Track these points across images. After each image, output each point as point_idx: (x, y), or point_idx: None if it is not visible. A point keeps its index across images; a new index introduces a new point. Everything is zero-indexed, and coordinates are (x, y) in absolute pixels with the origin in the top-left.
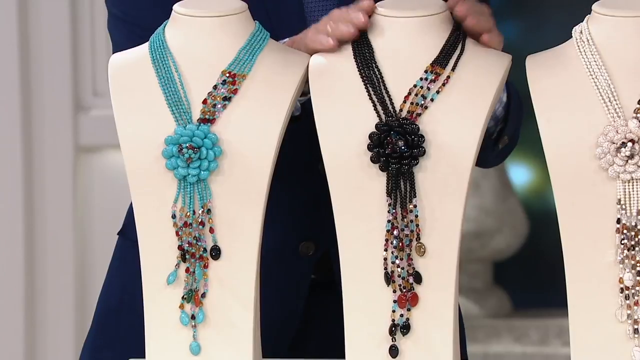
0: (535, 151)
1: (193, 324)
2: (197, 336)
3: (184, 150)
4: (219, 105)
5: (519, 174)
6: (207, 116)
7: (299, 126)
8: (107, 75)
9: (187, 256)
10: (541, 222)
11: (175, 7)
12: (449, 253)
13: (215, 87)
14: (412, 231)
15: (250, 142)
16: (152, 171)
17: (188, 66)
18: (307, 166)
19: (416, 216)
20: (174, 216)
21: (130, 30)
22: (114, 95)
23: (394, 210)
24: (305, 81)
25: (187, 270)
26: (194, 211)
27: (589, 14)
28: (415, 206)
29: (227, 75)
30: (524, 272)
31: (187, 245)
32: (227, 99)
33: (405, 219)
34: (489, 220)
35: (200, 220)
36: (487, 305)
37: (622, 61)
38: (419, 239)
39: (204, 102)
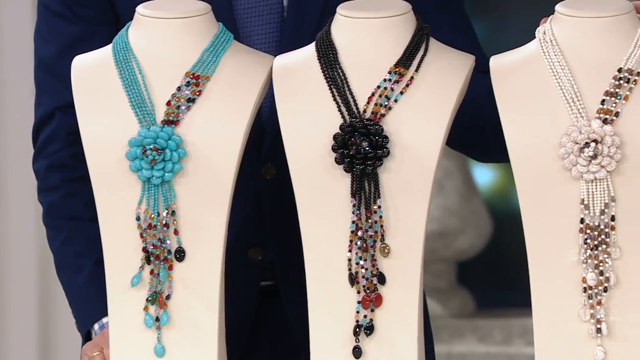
0: None
1: (157, 326)
2: (161, 338)
3: (148, 152)
4: (183, 107)
5: (483, 174)
6: (171, 118)
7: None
8: None
9: (151, 258)
10: (505, 222)
11: (139, 8)
12: (413, 253)
13: (179, 88)
14: (376, 232)
15: (214, 144)
16: (116, 173)
17: (152, 68)
18: (251, 171)
19: (380, 217)
20: (138, 218)
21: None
22: (76, 97)
23: (358, 211)
24: (270, 82)
25: (151, 272)
26: (158, 213)
27: (553, 14)
28: (379, 207)
29: (191, 76)
30: (487, 272)
31: (152, 247)
32: (191, 100)
33: (369, 220)
34: (452, 220)
35: (164, 222)
36: (451, 305)
37: (584, 61)
38: (383, 240)
39: (168, 103)
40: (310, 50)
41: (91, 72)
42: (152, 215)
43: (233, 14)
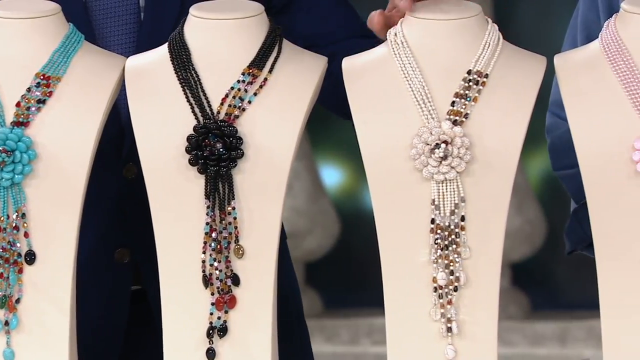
0: (346, 153)
1: (7, 330)
2: (10, 342)
3: None
4: (33, 108)
5: (331, 175)
6: (20, 119)
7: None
8: None
9: (0, 261)
10: (352, 222)
11: None
12: (268, 255)
13: (29, 89)
14: (230, 233)
15: (65, 145)
16: None
17: (1, 69)
18: (113, 171)
19: (235, 218)
20: None
21: None
22: None
23: (212, 213)
24: (122, 83)
25: (0, 275)
26: (8, 215)
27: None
28: (233, 208)
29: (41, 77)
30: (335, 273)
31: (1, 250)
32: (41, 101)
33: (223, 221)
34: (301, 221)
35: (14, 224)
36: None
37: (435, 63)
38: (238, 241)
39: (18, 104)
40: (163, 51)
41: None
42: (2, 218)
43: (88, 16)
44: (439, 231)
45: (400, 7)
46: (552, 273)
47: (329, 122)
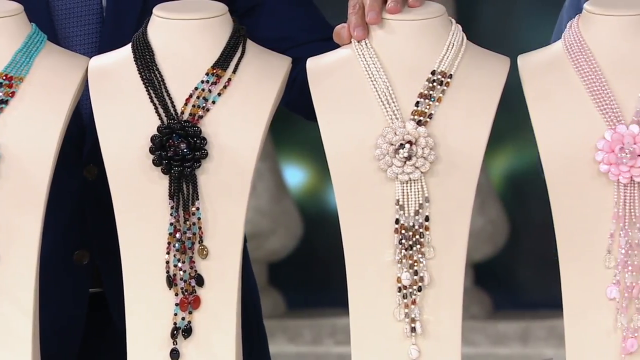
0: (309, 153)
1: None
2: None
3: None
4: None
5: (294, 175)
6: None
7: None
8: None
9: None
10: (315, 223)
11: None
12: (232, 255)
13: None
14: (194, 234)
15: (28, 147)
16: None
17: None
18: (73, 172)
19: (199, 219)
20: None
21: None
22: None
23: (176, 213)
24: (85, 84)
25: None
26: None
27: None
28: (198, 209)
29: (4, 78)
30: (298, 273)
31: None
32: (3, 102)
33: (187, 222)
34: (264, 221)
35: None
36: (262, 306)
37: (399, 64)
38: (202, 242)
39: None
40: (126, 51)
41: None
42: None
43: (51, 16)
44: (403, 231)
45: (369, 22)
46: (514, 273)
47: (292, 122)
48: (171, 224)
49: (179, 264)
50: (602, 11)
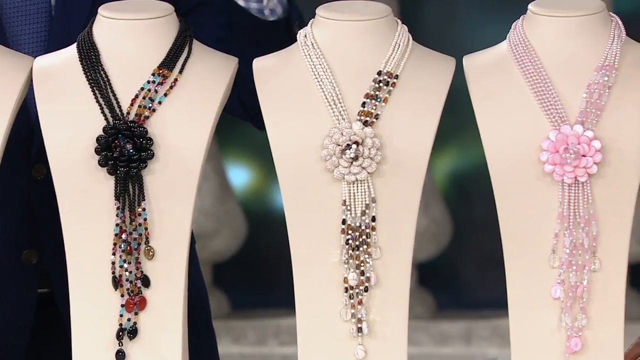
0: (254, 153)
1: None
2: None
3: None
4: None
5: (238, 176)
6: None
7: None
8: None
9: None
10: (260, 223)
11: None
12: (178, 256)
13: None
14: (140, 234)
15: None
16: None
17: None
18: (21, 171)
19: (145, 219)
20: None
21: None
22: None
23: (122, 214)
24: (30, 83)
25: None
26: None
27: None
28: (144, 209)
29: None
30: (242, 274)
31: None
32: None
33: (133, 223)
34: (208, 222)
35: None
36: None
37: (346, 64)
38: (148, 242)
39: None
40: (71, 51)
41: None
42: None
43: None
44: (350, 231)
45: None
46: (457, 273)
47: (236, 122)
48: (117, 224)
49: (125, 265)
50: (546, 12)
